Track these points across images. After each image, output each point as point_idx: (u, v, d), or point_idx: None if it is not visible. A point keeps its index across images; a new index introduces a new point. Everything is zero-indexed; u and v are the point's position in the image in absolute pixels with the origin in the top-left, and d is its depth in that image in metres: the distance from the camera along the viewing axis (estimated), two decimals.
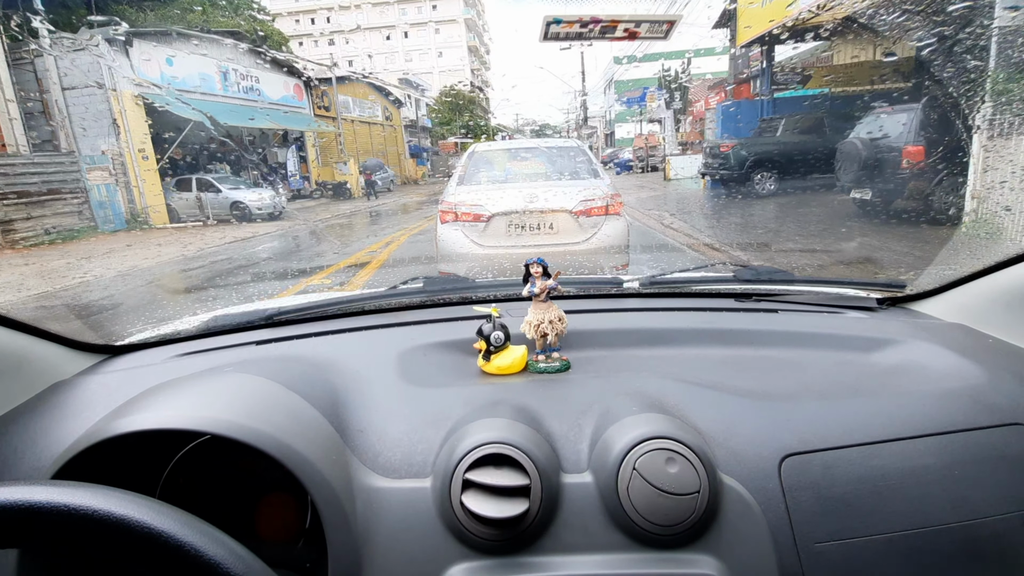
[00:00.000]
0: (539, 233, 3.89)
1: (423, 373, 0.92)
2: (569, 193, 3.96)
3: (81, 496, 0.41)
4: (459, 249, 3.89)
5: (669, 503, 0.65)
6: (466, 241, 3.88)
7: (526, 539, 0.67)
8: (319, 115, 23.33)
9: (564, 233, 3.87)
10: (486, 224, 3.86)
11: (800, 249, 5.97)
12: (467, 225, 3.90)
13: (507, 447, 0.68)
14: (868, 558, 0.67)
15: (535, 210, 3.85)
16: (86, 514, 0.40)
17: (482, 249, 3.85)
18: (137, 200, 13.81)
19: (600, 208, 3.90)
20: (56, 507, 0.40)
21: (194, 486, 0.82)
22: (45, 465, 0.72)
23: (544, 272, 0.97)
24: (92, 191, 12.71)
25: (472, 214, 3.88)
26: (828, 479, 0.70)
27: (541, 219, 3.88)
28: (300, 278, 6.30)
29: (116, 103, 13.34)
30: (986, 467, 0.72)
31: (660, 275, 1.29)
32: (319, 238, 11.03)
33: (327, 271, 6.74)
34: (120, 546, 0.41)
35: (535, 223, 3.88)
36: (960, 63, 4.37)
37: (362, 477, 0.71)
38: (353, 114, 27.02)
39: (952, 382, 0.83)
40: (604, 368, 0.95)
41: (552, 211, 3.87)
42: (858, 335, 1.00)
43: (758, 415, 0.77)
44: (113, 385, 0.89)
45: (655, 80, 30.25)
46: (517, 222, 3.86)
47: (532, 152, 4.92)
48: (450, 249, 3.93)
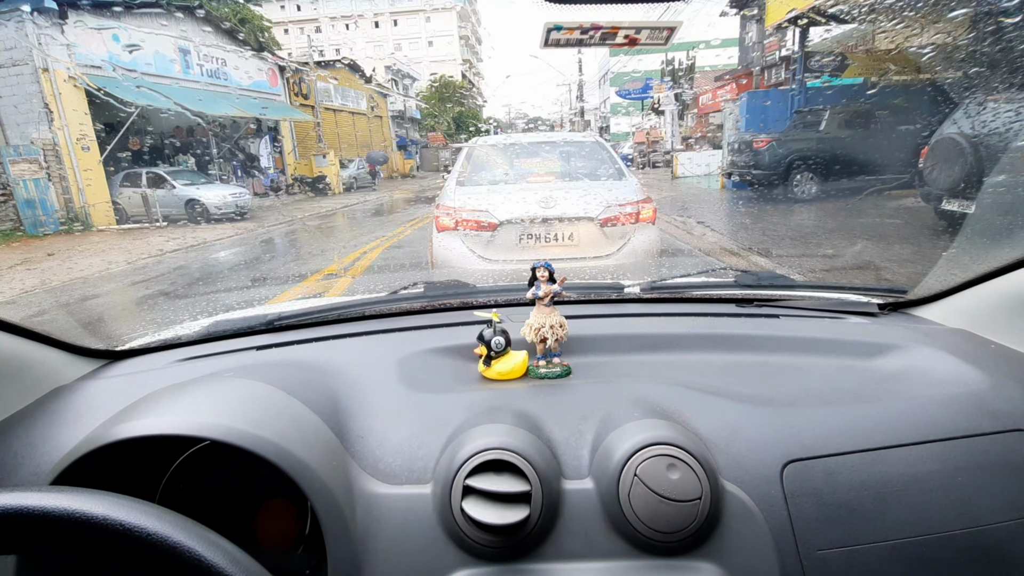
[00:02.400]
0: (557, 245, 3.24)
1: (424, 378, 0.91)
2: (592, 197, 3.30)
3: (81, 502, 0.41)
4: (460, 263, 3.24)
5: (671, 510, 0.65)
6: (469, 254, 3.24)
7: (527, 546, 0.66)
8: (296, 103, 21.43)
9: (587, 246, 3.23)
10: (493, 234, 3.20)
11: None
12: (470, 235, 3.24)
13: (508, 453, 0.67)
14: (871, 565, 0.67)
15: (552, 217, 3.19)
16: (86, 520, 0.40)
17: (488, 264, 3.21)
18: (76, 198, 11.96)
19: (630, 215, 3.28)
20: (56, 513, 0.40)
21: (194, 492, 0.81)
22: (45, 470, 0.71)
23: (550, 277, 0.95)
24: (17, 187, 10.86)
25: (476, 222, 3.22)
26: (830, 485, 0.70)
27: (560, 229, 3.22)
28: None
29: (48, 85, 11.47)
30: (989, 473, 0.71)
31: (661, 280, 1.30)
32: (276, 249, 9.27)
33: (272, 302, 5.07)
34: (120, 552, 0.41)
35: (552, 233, 3.22)
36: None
37: (362, 483, 0.71)
38: (335, 103, 25.11)
39: (954, 388, 0.82)
40: (605, 374, 0.94)
41: (573, 219, 3.21)
42: (860, 340, 0.99)
43: (760, 421, 0.77)
44: (113, 390, 0.88)
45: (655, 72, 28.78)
46: (531, 232, 3.21)
47: (544, 148, 4.14)
48: (449, 263, 3.28)
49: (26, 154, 11.13)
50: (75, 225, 11.70)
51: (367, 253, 7.36)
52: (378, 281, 5.44)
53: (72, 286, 6.43)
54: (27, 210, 11.00)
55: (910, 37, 8.89)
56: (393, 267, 6.38)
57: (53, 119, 11.56)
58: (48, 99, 11.48)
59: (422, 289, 1.29)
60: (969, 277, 1.00)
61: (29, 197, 11.02)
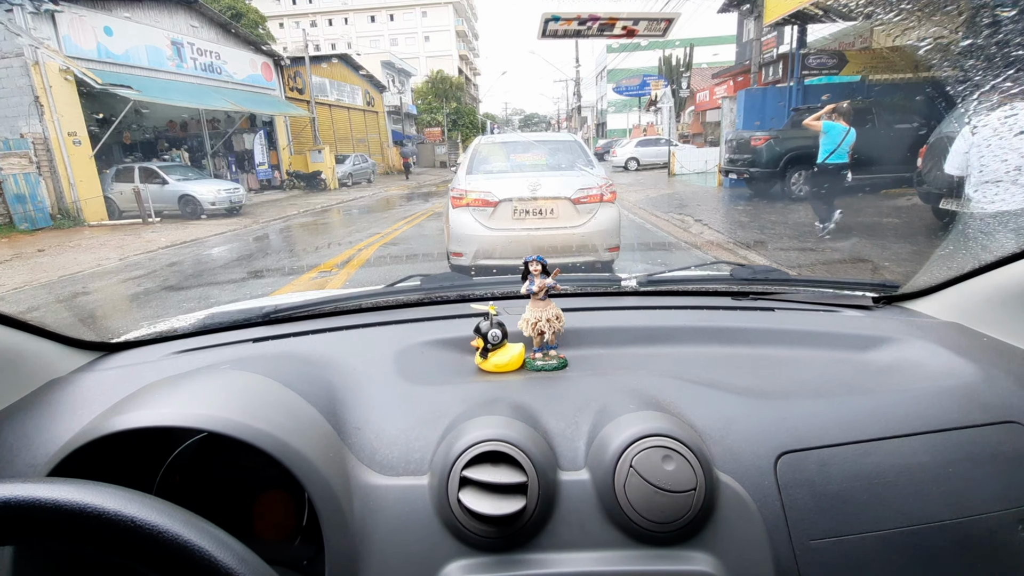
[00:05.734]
0: (541, 218, 4.22)
1: (420, 371, 0.91)
2: (568, 183, 4.31)
3: (77, 493, 0.41)
4: (469, 231, 4.19)
5: (666, 500, 0.65)
6: (475, 224, 4.19)
7: (523, 536, 0.66)
8: (291, 98, 21.25)
9: (563, 218, 4.21)
10: (494, 209, 4.18)
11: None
12: (476, 210, 4.20)
13: (504, 444, 0.68)
14: (863, 555, 0.67)
15: (538, 197, 4.18)
16: (82, 511, 0.40)
17: (489, 231, 4.17)
18: (67, 193, 11.82)
19: (595, 196, 4.24)
20: (52, 504, 0.40)
21: (190, 484, 0.81)
22: (40, 463, 0.72)
23: (543, 270, 0.95)
24: (6, 182, 10.71)
25: (481, 200, 4.19)
26: (823, 476, 0.70)
27: (543, 205, 4.20)
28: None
29: (39, 78, 11.31)
30: (980, 465, 0.72)
31: (657, 273, 1.29)
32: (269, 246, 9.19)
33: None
34: (117, 543, 0.41)
35: (537, 209, 4.20)
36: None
37: (359, 474, 0.71)
38: (330, 98, 24.92)
39: (947, 380, 0.83)
40: (601, 366, 0.94)
41: (553, 198, 4.20)
42: (853, 333, 1.00)
43: (754, 413, 0.77)
44: (109, 382, 0.87)
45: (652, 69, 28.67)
46: (521, 208, 4.19)
47: (533, 146, 5.24)
48: (461, 231, 4.23)
49: (16, 148, 10.98)
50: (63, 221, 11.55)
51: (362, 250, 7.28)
52: (373, 279, 5.37)
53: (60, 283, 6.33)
54: (16, 205, 10.86)
55: (908, 31, 8.68)
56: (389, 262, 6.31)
57: (44, 113, 11.40)
58: (39, 92, 11.31)
59: (419, 282, 1.29)
60: (962, 271, 1.01)
61: (19, 192, 10.87)
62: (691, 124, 27.73)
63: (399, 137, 35.04)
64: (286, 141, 20.94)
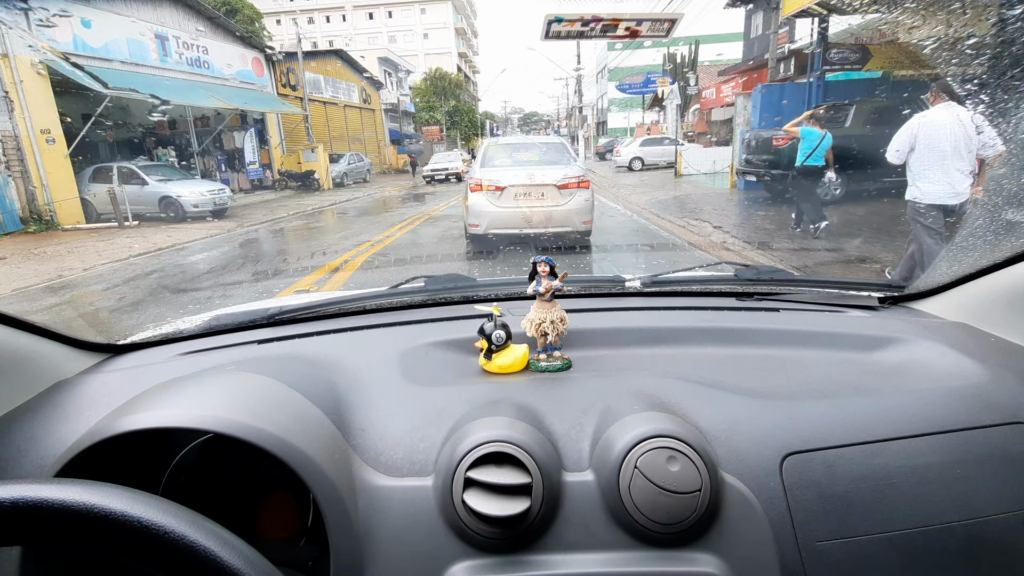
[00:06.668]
0: (534, 199, 5.86)
1: (425, 372, 0.91)
2: (554, 173, 5.98)
3: (84, 493, 0.41)
4: (482, 208, 5.88)
5: (671, 501, 0.65)
6: (487, 203, 5.88)
7: (528, 537, 0.66)
8: (284, 95, 20.50)
9: (550, 199, 5.87)
10: (500, 192, 5.87)
11: None
12: (488, 193, 5.89)
13: (509, 445, 0.68)
14: (869, 557, 0.67)
15: (532, 184, 5.87)
16: (89, 511, 0.40)
17: (497, 208, 5.86)
18: (40, 194, 11.10)
19: (574, 183, 5.89)
20: (59, 504, 0.40)
21: (196, 485, 0.82)
22: (48, 464, 0.72)
23: (551, 272, 0.95)
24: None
25: (492, 186, 5.87)
26: (830, 478, 0.70)
27: (535, 190, 5.87)
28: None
29: (9, 72, 10.58)
30: (988, 466, 0.71)
31: (661, 274, 1.29)
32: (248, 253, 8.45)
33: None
34: (123, 543, 0.41)
35: (532, 192, 5.87)
36: None
37: (364, 475, 0.71)
38: (325, 95, 24.18)
39: (954, 381, 0.82)
40: (605, 367, 0.94)
41: (543, 185, 5.87)
42: (860, 334, 1.00)
43: (760, 414, 0.77)
44: (115, 384, 0.89)
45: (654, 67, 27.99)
46: (521, 191, 5.86)
47: (529, 146, 7.09)
48: (477, 208, 5.91)
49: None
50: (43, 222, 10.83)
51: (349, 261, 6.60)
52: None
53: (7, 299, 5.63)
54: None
55: (937, 27, 7.68)
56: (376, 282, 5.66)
57: (14, 108, 10.68)
58: (8, 87, 10.59)
59: (423, 283, 1.30)
60: (969, 271, 1.00)
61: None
62: (696, 123, 26.99)
63: (396, 135, 34.31)
64: (278, 139, 20.20)
